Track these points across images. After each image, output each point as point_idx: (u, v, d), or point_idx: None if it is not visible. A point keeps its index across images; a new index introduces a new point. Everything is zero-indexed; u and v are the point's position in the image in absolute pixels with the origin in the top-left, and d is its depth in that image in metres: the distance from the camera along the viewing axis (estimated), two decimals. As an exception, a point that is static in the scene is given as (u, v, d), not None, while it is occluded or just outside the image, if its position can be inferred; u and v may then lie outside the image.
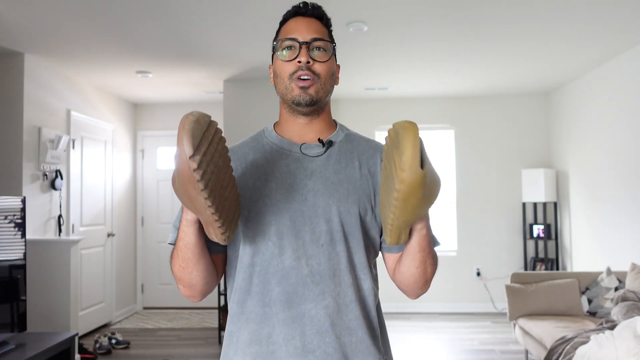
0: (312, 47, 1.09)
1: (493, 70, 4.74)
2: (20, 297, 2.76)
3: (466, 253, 5.84)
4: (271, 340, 1.03)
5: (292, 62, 1.09)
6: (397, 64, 4.53)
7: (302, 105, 1.09)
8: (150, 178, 6.21)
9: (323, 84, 1.10)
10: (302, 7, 1.13)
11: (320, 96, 1.10)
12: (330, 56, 1.12)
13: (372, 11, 3.28)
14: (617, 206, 4.33)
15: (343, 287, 1.05)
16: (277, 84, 1.13)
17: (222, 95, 5.53)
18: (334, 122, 1.20)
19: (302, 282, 1.03)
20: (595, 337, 2.86)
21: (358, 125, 5.97)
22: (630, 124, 4.12)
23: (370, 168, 1.12)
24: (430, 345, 4.53)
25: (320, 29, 1.12)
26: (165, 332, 5.09)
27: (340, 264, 1.06)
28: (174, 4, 3.12)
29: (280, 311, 1.03)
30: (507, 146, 5.88)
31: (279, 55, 1.11)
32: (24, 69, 4.09)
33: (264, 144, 1.16)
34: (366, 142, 1.18)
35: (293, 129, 1.15)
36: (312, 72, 1.08)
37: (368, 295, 1.09)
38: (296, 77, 1.08)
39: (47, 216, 4.38)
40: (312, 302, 1.03)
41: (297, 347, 1.02)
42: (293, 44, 1.09)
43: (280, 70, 1.11)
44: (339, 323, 1.03)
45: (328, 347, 1.02)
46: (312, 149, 1.13)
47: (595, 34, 3.72)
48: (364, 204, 1.09)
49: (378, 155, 1.14)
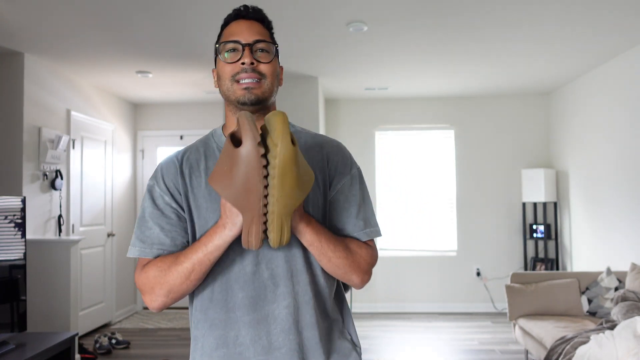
0: (255, 49, 1.11)
1: (493, 70, 4.74)
2: (20, 297, 2.76)
3: (466, 253, 5.84)
4: (238, 342, 1.08)
5: (236, 63, 1.10)
6: (397, 64, 4.53)
7: (247, 104, 1.10)
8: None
9: (269, 84, 1.12)
10: (243, 10, 1.15)
11: (266, 96, 1.12)
12: (273, 57, 1.13)
13: (372, 11, 3.28)
14: (617, 206, 4.33)
15: (301, 286, 1.10)
16: (220, 86, 1.14)
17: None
18: None
19: (264, 285, 1.08)
20: (595, 337, 2.86)
21: (358, 125, 5.97)
22: (631, 124, 4.12)
23: (317, 164, 1.15)
24: (430, 345, 4.53)
25: (262, 31, 1.14)
26: (165, 332, 5.09)
27: (297, 264, 1.10)
28: (174, 4, 3.12)
29: (245, 314, 1.08)
30: (507, 146, 5.88)
31: (222, 57, 1.12)
32: (24, 69, 4.10)
33: (213, 148, 1.17)
34: (312, 138, 1.20)
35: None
36: (257, 73, 1.10)
37: (324, 290, 1.14)
38: (238, 78, 1.10)
39: (47, 216, 4.38)
40: (274, 303, 1.08)
41: (264, 346, 1.07)
42: (236, 46, 1.11)
43: (223, 72, 1.12)
44: (300, 320, 1.09)
45: (292, 343, 1.08)
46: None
47: (595, 34, 3.72)
48: (314, 203, 1.12)
49: (323, 151, 1.17)
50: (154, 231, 1.10)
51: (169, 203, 1.11)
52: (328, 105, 5.98)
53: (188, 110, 6.22)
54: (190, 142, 6.19)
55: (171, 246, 1.09)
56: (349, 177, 1.17)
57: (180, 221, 1.11)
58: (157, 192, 1.13)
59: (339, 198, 1.15)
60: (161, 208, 1.11)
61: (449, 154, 5.95)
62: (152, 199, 1.12)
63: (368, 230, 1.15)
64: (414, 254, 5.88)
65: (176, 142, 6.22)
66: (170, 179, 1.13)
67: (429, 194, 5.95)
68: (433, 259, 5.87)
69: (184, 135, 6.19)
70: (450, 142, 5.96)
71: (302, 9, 3.23)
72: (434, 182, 5.95)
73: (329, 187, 1.15)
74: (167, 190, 1.12)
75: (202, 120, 6.19)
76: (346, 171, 1.17)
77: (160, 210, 1.11)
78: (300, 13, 3.30)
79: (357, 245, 1.13)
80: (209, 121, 6.18)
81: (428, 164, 5.97)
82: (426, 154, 5.98)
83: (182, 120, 6.22)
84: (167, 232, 1.10)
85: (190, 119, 6.21)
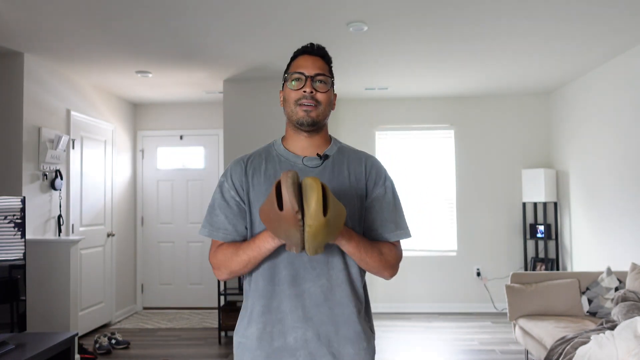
0: (315, 80, 1.38)
1: (493, 70, 4.74)
2: (20, 297, 2.76)
3: (466, 253, 5.84)
4: (279, 310, 1.35)
5: (299, 91, 1.38)
6: (397, 64, 4.53)
7: (304, 125, 1.38)
8: (150, 178, 6.21)
9: (323, 109, 1.39)
10: (309, 47, 1.43)
11: (320, 119, 1.39)
12: (329, 88, 1.40)
13: (372, 11, 3.28)
14: (617, 206, 4.33)
15: (335, 271, 1.36)
16: (285, 107, 1.42)
17: (222, 95, 5.52)
18: (329, 137, 1.49)
19: (303, 266, 1.34)
20: (595, 337, 2.86)
21: (358, 125, 5.97)
22: (631, 124, 4.11)
23: (357, 175, 1.42)
24: (430, 345, 4.53)
25: (323, 66, 1.41)
26: (165, 332, 5.09)
27: (334, 252, 1.35)
28: (174, 4, 3.12)
29: (287, 288, 1.34)
30: (507, 146, 5.88)
31: (289, 85, 1.40)
32: (24, 69, 4.09)
33: (273, 155, 1.44)
34: (354, 154, 1.48)
35: (297, 144, 1.43)
36: (314, 100, 1.37)
37: (356, 278, 1.39)
38: (300, 103, 1.37)
39: (47, 216, 4.37)
40: (311, 282, 1.34)
41: (300, 315, 1.34)
42: (300, 76, 1.38)
43: (289, 96, 1.40)
44: (331, 298, 1.35)
45: (323, 316, 1.34)
46: (312, 161, 1.42)
47: (595, 33, 3.72)
48: (352, 206, 1.38)
49: (363, 164, 1.44)
50: (220, 218, 1.39)
51: (233, 197, 1.40)
52: (328, 105, 5.97)
53: (188, 110, 6.22)
54: (190, 142, 6.21)
55: (233, 231, 1.38)
56: (384, 187, 1.43)
57: (241, 212, 1.39)
58: (226, 187, 1.41)
59: (375, 205, 1.42)
60: (227, 200, 1.40)
61: (449, 154, 5.95)
62: (221, 193, 1.41)
63: (398, 232, 1.42)
64: (414, 254, 5.88)
65: (176, 142, 6.22)
66: (237, 177, 1.41)
67: (429, 194, 5.95)
68: (433, 259, 5.87)
69: (184, 135, 6.19)
70: (450, 142, 5.96)
71: (302, 9, 3.23)
72: (434, 182, 5.95)
73: (366, 196, 1.42)
74: (233, 186, 1.40)
75: (202, 120, 6.19)
76: (381, 182, 1.44)
77: (226, 202, 1.40)
78: (300, 13, 3.30)
79: (387, 247, 1.39)
80: (209, 121, 6.18)
81: (428, 164, 5.97)
82: (426, 154, 5.98)
83: (182, 120, 6.22)
84: (230, 220, 1.39)
85: (190, 119, 6.21)
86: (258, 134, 5.05)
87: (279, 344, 1.34)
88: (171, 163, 6.22)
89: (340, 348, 1.34)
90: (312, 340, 1.33)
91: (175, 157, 6.23)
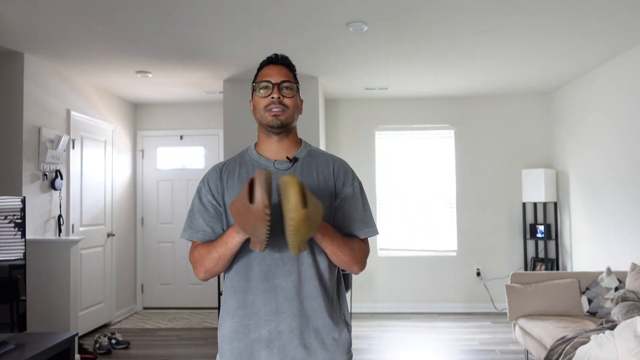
0: (281, 87, 1.48)
1: (493, 70, 4.74)
2: (20, 297, 2.76)
3: (466, 253, 5.84)
4: (254, 305, 1.43)
5: (267, 97, 1.48)
6: (397, 64, 4.53)
7: (274, 128, 1.48)
8: (150, 178, 6.21)
9: (291, 113, 1.49)
10: (274, 58, 1.53)
11: (289, 121, 1.49)
12: (295, 93, 1.50)
13: (372, 11, 3.28)
14: (617, 206, 4.33)
15: (304, 267, 1.44)
16: (255, 114, 1.52)
17: (222, 95, 5.52)
18: (299, 140, 1.58)
19: (275, 263, 1.43)
20: (595, 337, 2.86)
21: (358, 125, 5.97)
22: (631, 124, 4.11)
23: (326, 177, 1.51)
24: (430, 345, 4.53)
25: (288, 73, 1.51)
26: (165, 332, 5.09)
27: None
28: (174, 4, 3.12)
29: (260, 284, 1.43)
30: (507, 146, 5.88)
31: (257, 93, 1.49)
32: (24, 69, 4.09)
33: (247, 160, 1.54)
34: (323, 156, 1.56)
35: (268, 148, 1.53)
36: (282, 105, 1.47)
37: (324, 273, 1.47)
38: (269, 108, 1.47)
39: (47, 216, 4.37)
40: (282, 277, 1.42)
41: (273, 309, 1.42)
42: (268, 84, 1.48)
43: (258, 104, 1.50)
44: (302, 292, 1.43)
45: (294, 309, 1.42)
46: (282, 164, 1.50)
47: (595, 33, 3.72)
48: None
49: (331, 166, 1.53)
50: (199, 222, 1.48)
51: (210, 201, 1.49)
52: (328, 105, 5.98)
53: (188, 110, 6.22)
54: (190, 142, 6.22)
55: (211, 233, 1.47)
56: (352, 188, 1.52)
57: (218, 215, 1.49)
58: (203, 192, 1.51)
59: (344, 204, 1.50)
60: (205, 204, 1.49)
61: (449, 154, 5.95)
62: (199, 197, 1.51)
63: (367, 229, 1.51)
64: (414, 254, 5.88)
65: (176, 142, 6.22)
66: (213, 182, 1.51)
67: (428, 194, 5.95)
68: (433, 259, 5.87)
69: (183, 135, 6.19)
70: (450, 142, 5.96)
71: (302, 8, 3.23)
72: (433, 182, 5.95)
73: (335, 196, 1.50)
74: (210, 191, 1.50)
75: (202, 120, 6.19)
76: (349, 183, 1.52)
77: (204, 206, 1.49)
78: (300, 13, 3.30)
79: (358, 243, 1.48)
80: (209, 121, 6.18)
81: (428, 164, 5.97)
82: (426, 154, 5.98)
83: (182, 120, 6.22)
84: (208, 222, 1.48)
85: (190, 119, 6.21)
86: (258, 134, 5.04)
87: (255, 336, 1.43)
88: (171, 163, 6.22)
89: (310, 339, 1.43)
90: (284, 332, 1.41)
91: (175, 157, 6.23)
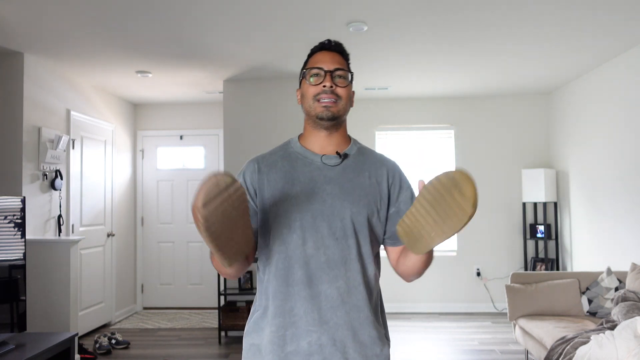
0: (334, 75, 1.34)
1: (493, 70, 4.74)
2: (20, 297, 2.76)
3: (466, 253, 5.84)
4: (293, 313, 1.28)
5: (318, 86, 1.34)
6: (397, 64, 4.53)
7: (324, 120, 1.34)
8: (150, 178, 6.21)
9: (343, 104, 1.35)
10: (327, 43, 1.39)
11: (340, 114, 1.35)
12: (349, 83, 1.37)
13: (372, 11, 3.28)
14: (618, 206, 4.33)
15: (352, 273, 1.30)
16: (303, 103, 1.38)
17: (222, 95, 5.52)
18: (349, 137, 1.44)
19: (320, 267, 1.29)
20: (595, 337, 2.86)
21: (358, 125, 5.97)
22: (630, 124, 4.11)
23: (378, 178, 1.38)
24: (430, 345, 4.53)
25: (341, 61, 1.38)
26: (165, 332, 5.09)
27: (351, 254, 1.31)
28: (174, 4, 3.12)
29: (302, 290, 1.28)
30: (507, 146, 5.88)
31: (307, 80, 1.36)
32: (24, 69, 4.09)
33: (290, 153, 1.40)
34: (374, 156, 1.44)
35: (315, 141, 1.39)
36: (335, 95, 1.33)
37: (372, 280, 1.36)
38: (319, 98, 1.33)
39: (47, 216, 4.37)
40: (327, 283, 1.28)
41: (315, 318, 1.27)
42: (319, 72, 1.34)
43: (307, 92, 1.36)
44: (348, 301, 1.29)
45: (339, 319, 1.28)
46: (331, 159, 1.37)
47: (595, 34, 3.72)
48: (371, 207, 1.34)
49: (384, 168, 1.40)
50: None
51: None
52: (328, 105, 5.98)
53: (188, 110, 6.22)
54: (190, 142, 6.21)
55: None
56: (409, 191, 1.40)
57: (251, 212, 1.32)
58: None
59: (403, 208, 1.37)
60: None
61: (449, 154, 5.95)
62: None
63: None
64: (414, 254, 5.88)
65: (176, 142, 6.22)
66: (249, 175, 1.37)
67: (429, 194, 5.94)
68: (433, 259, 5.86)
69: (183, 135, 6.19)
70: (450, 142, 5.96)
71: (302, 9, 3.23)
72: (434, 182, 5.94)
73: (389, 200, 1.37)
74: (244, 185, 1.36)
75: (202, 120, 6.19)
76: (405, 186, 1.40)
77: None
78: (300, 13, 3.30)
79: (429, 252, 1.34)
80: (209, 121, 6.18)
81: (428, 164, 5.97)
82: (426, 154, 5.98)
83: (182, 120, 6.22)
84: None
85: (190, 119, 6.21)
86: (258, 134, 5.05)
87: (292, 349, 1.28)
88: (171, 163, 6.22)
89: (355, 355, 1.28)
90: (327, 345, 1.27)
91: (175, 157, 6.23)
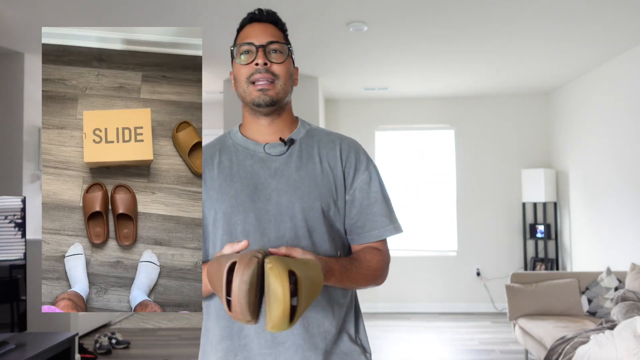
0: (268, 50, 1.12)
1: (493, 70, 4.74)
2: (20, 297, 2.76)
3: (466, 253, 5.84)
4: (242, 335, 1.09)
5: (250, 65, 1.12)
6: (397, 64, 4.53)
7: (262, 106, 1.12)
8: (150, 178, 6.20)
9: (282, 84, 1.13)
10: (257, 14, 1.16)
11: (280, 97, 1.13)
12: (287, 57, 1.14)
13: (372, 11, 3.28)
14: (617, 206, 4.33)
15: None
16: (237, 88, 1.16)
17: (222, 95, 5.53)
18: (295, 119, 1.23)
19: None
20: (595, 337, 2.86)
21: (358, 125, 5.97)
22: (631, 124, 4.11)
23: (330, 162, 1.16)
24: (430, 345, 4.53)
25: (276, 33, 1.15)
26: (165, 332, 5.09)
27: None
28: (173, 3, 3.12)
29: None
30: (507, 146, 5.88)
31: (238, 60, 1.14)
32: (24, 69, 4.09)
33: (229, 145, 1.20)
34: (327, 136, 1.22)
35: (256, 129, 1.18)
36: (270, 74, 1.11)
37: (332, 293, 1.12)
38: (253, 79, 1.11)
39: (47, 216, 4.37)
40: None
41: (268, 339, 1.07)
42: (250, 48, 1.12)
43: (239, 74, 1.14)
44: (306, 315, 1.08)
45: (297, 338, 1.07)
46: (275, 148, 1.16)
47: (595, 33, 3.72)
48: (326, 199, 1.13)
49: (337, 148, 1.18)
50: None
51: None
52: (328, 105, 5.98)
53: (188, 110, 6.21)
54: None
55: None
56: (367, 173, 1.18)
57: None
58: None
59: (358, 196, 1.16)
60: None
61: (449, 154, 5.95)
62: None
63: (391, 227, 1.17)
64: (414, 254, 5.88)
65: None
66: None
67: (428, 194, 5.95)
68: (433, 259, 5.87)
69: (184, 135, 6.18)
70: (450, 142, 5.96)
71: (302, 8, 3.23)
72: (434, 182, 5.95)
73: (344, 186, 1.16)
74: None
75: (203, 120, 6.19)
76: (362, 168, 1.18)
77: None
78: (301, 13, 3.30)
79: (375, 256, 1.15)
80: (209, 121, 6.18)
81: (428, 164, 5.97)
82: (426, 154, 5.98)
83: (182, 120, 6.22)
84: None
85: (190, 119, 6.21)
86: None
87: None
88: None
89: None
90: None
91: (175, 157, 6.22)
